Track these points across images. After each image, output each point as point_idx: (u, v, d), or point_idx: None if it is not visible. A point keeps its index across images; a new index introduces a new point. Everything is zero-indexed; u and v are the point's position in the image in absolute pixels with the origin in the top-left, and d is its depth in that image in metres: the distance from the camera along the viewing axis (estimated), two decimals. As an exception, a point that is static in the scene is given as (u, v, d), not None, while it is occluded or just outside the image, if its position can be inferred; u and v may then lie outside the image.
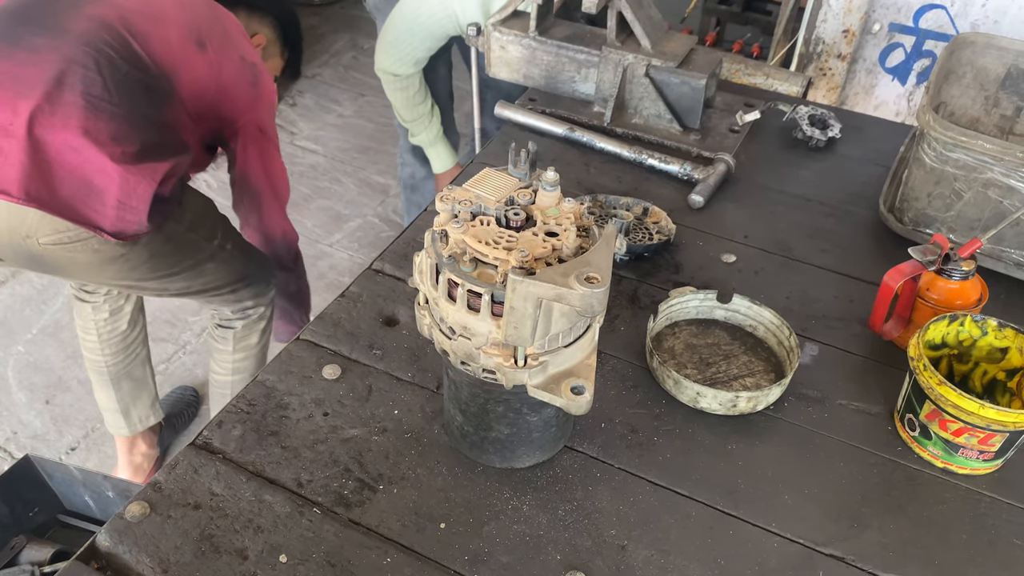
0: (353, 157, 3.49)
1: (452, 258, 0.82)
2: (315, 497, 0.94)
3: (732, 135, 1.51)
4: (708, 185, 1.38)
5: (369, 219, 3.16)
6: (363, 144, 3.56)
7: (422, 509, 0.94)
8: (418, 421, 1.03)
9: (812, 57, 1.96)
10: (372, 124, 3.68)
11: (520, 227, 0.85)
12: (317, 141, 3.56)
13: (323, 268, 2.92)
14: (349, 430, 1.01)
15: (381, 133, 3.59)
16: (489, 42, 1.59)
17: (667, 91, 1.49)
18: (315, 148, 3.52)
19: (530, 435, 0.95)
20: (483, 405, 0.92)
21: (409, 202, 2.72)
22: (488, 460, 0.98)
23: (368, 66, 4.07)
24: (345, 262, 2.96)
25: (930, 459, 1.00)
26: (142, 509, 0.91)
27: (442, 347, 0.88)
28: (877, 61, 1.95)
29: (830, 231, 1.35)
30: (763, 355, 1.13)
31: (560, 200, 0.87)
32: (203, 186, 3.21)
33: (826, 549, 0.92)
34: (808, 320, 1.18)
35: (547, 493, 0.96)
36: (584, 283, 0.74)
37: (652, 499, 0.96)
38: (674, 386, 1.05)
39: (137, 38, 1.41)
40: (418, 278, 0.88)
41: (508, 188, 0.88)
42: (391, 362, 1.10)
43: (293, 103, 3.78)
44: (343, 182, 3.34)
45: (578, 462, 0.99)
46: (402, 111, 2.30)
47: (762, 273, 1.27)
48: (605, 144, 1.47)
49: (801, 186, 1.44)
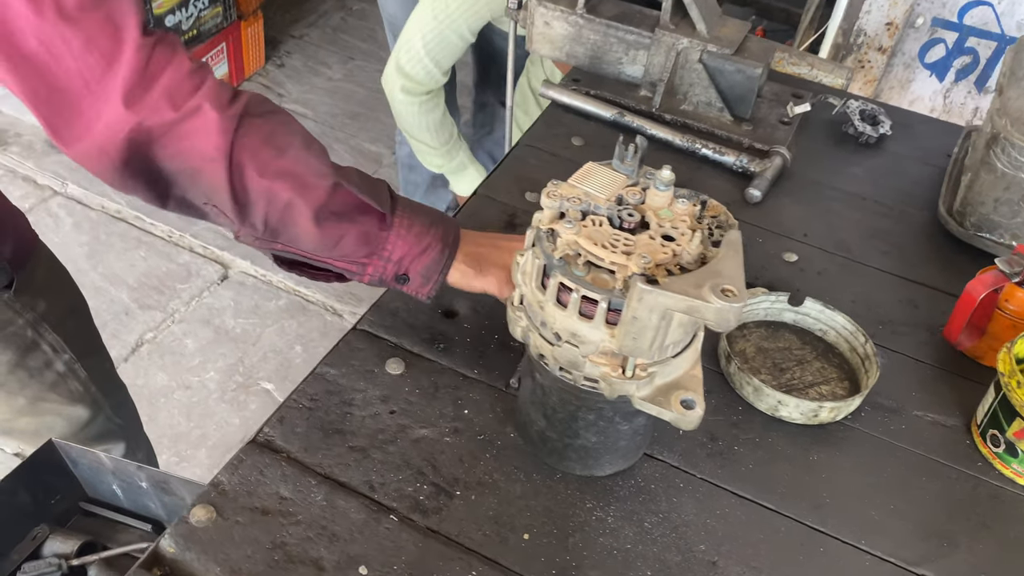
0: (344, 123, 3.38)
1: (564, 260, 0.77)
2: (390, 502, 0.89)
3: (783, 127, 1.47)
4: (765, 179, 1.34)
5: (362, 188, 3.07)
6: (353, 110, 3.46)
7: (502, 518, 0.89)
8: (490, 422, 0.98)
9: (851, 49, 1.93)
10: (362, 89, 3.57)
11: (633, 229, 0.80)
12: (306, 105, 3.44)
13: (316, 238, 2.83)
14: (419, 430, 0.96)
15: (372, 99, 3.49)
16: (533, 17, 1.52)
17: (720, 78, 1.44)
18: (305, 112, 3.40)
19: (617, 443, 0.91)
20: (573, 412, 0.87)
21: (407, 181, 2.63)
22: (568, 467, 0.93)
23: (358, 29, 3.94)
24: (339, 232, 2.87)
25: (1013, 476, 0.99)
26: (208, 513, 0.85)
27: (540, 352, 0.83)
28: (916, 56, 1.93)
29: (887, 232, 1.33)
30: (835, 361, 1.10)
31: (672, 200, 0.82)
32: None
33: (918, 569, 0.89)
34: (875, 325, 1.15)
35: (631, 504, 0.92)
36: (721, 296, 0.70)
37: (739, 512, 0.93)
38: (753, 393, 1.02)
39: None
40: (520, 279, 0.82)
41: (616, 185, 0.83)
42: (455, 357, 1.04)
43: (281, 64, 3.64)
44: (335, 149, 3.23)
45: (659, 471, 0.95)
46: (428, 137, 2.07)
47: (825, 274, 1.24)
48: (656, 131, 1.42)
49: (855, 183, 1.41)
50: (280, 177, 0.85)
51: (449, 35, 1.87)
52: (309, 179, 0.87)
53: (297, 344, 2.52)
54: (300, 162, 0.87)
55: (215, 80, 0.85)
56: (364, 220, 0.91)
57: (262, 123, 0.86)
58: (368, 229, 0.91)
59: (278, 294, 2.66)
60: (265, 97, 0.90)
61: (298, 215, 0.87)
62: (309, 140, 0.90)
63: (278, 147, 0.86)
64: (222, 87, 0.85)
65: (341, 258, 0.92)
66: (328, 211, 0.88)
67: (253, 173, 0.84)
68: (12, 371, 1.22)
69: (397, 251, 0.92)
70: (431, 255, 0.93)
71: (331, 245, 0.90)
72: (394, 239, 0.92)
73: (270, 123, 0.87)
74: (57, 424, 1.32)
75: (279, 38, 3.75)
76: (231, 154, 0.83)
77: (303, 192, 0.86)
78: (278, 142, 0.86)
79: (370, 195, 0.90)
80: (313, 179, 0.87)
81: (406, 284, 0.95)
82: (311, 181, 0.87)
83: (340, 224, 0.89)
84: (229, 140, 0.82)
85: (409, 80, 1.98)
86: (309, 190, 0.87)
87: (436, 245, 0.93)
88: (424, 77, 1.97)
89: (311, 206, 0.87)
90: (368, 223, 0.91)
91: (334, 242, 0.90)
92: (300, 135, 0.89)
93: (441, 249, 0.94)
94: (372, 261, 0.92)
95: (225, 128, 0.82)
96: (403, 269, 0.93)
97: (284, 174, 0.86)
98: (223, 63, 3.23)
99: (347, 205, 0.89)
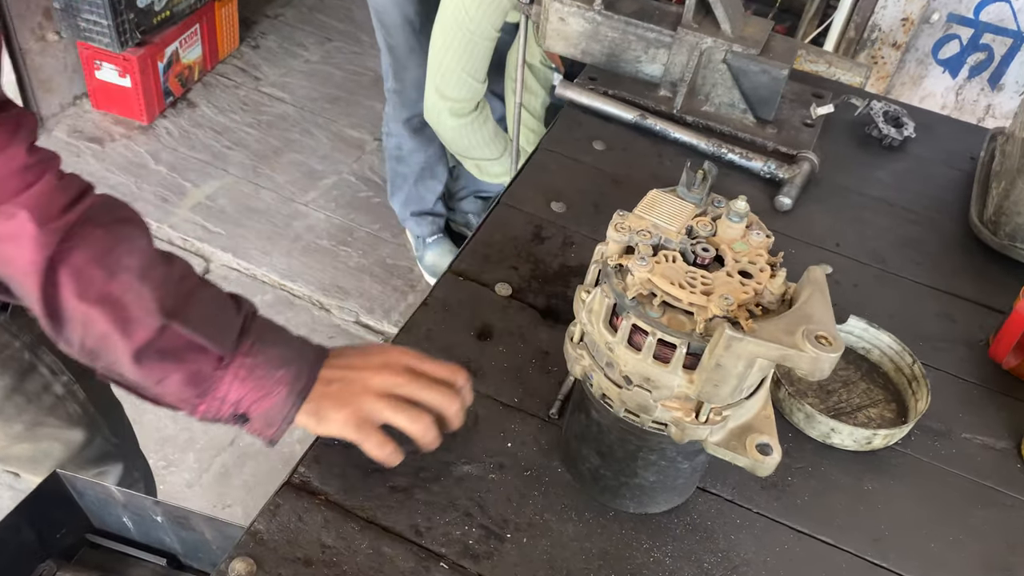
0: (324, 108, 3.28)
1: (637, 300, 0.72)
2: (438, 548, 0.84)
3: (807, 129, 1.43)
4: (795, 186, 1.30)
5: (345, 176, 2.98)
6: (332, 93, 3.35)
7: (557, 562, 0.85)
8: (535, 456, 0.93)
9: (865, 44, 1.89)
10: (341, 72, 3.46)
11: (708, 265, 0.75)
12: (284, 88, 3.33)
13: (299, 229, 2.75)
14: (462, 467, 0.91)
15: (350, 82, 3.39)
16: (547, 12, 1.46)
17: (744, 79, 1.40)
18: (282, 96, 3.29)
19: (675, 481, 0.87)
20: (633, 452, 0.83)
21: (395, 173, 2.55)
22: (622, 505, 0.89)
23: (334, 8, 3.82)
24: (322, 223, 2.79)
25: (1068, 503, 0.97)
26: (248, 567, 0.79)
27: (603, 393, 0.78)
28: (930, 52, 1.90)
29: (918, 240, 1.30)
30: (880, 382, 1.07)
31: (746, 232, 0.77)
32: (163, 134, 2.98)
33: (982, 605, 0.87)
34: (915, 342, 1.12)
35: (688, 542, 0.88)
36: (815, 344, 0.65)
37: (797, 548, 0.89)
38: (804, 420, 0.98)
39: None
40: (585, 318, 0.77)
41: (684, 216, 0.78)
42: (492, 384, 0.99)
43: (256, 45, 3.52)
44: (315, 135, 3.14)
45: (714, 506, 0.92)
46: (488, 151, 1.96)
47: (860, 287, 1.20)
48: (680, 134, 1.37)
49: (882, 189, 1.38)
50: (102, 303, 0.73)
51: (477, 40, 1.78)
52: (134, 313, 0.74)
53: (285, 341, 2.44)
54: (130, 291, 0.74)
55: (54, 180, 0.74)
56: (195, 360, 0.77)
57: (102, 235, 0.74)
58: (200, 369, 0.77)
59: (263, 288, 2.58)
60: (122, 203, 0.78)
61: (115, 348, 0.74)
62: (150, 265, 0.75)
63: (109, 268, 0.73)
64: (58, 190, 0.73)
65: (165, 396, 0.79)
66: (152, 349, 0.75)
67: (71, 294, 0.72)
68: (9, 396, 1.14)
69: (233, 394, 0.78)
70: (274, 401, 0.79)
71: (152, 383, 0.77)
72: (230, 381, 0.78)
73: (112, 237, 0.75)
74: (55, 449, 1.24)
75: (253, 18, 3.62)
76: (46, 271, 0.71)
77: (124, 327, 0.73)
78: (112, 262, 0.74)
79: (208, 334, 0.76)
80: (139, 314, 0.74)
81: (247, 424, 0.81)
82: (136, 316, 0.74)
83: (164, 364, 0.76)
84: (45, 256, 0.71)
85: (454, 102, 1.87)
86: (131, 325, 0.74)
87: (280, 391, 0.79)
88: (467, 93, 1.87)
89: (132, 344, 0.74)
90: (200, 363, 0.77)
91: (155, 381, 0.77)
92: (141, 257, 0.75)
93: (286, 396, 0.79)
94: (204, 401, 0.78)
95: (43, 243, 0.71)
96: (242, 410, 0.80)
97: (107, 301, 0.73)
98: (196, 45, 3.11)
99: (176, 344, 0.76)
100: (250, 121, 3.12)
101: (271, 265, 2.61)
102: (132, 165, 2.85)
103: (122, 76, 2.83)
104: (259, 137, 3.06)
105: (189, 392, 0.78)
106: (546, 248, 1.17)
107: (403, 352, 0.86)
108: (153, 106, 2.96)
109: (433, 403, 0.84)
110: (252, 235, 2.69)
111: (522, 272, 1.13)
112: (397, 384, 0.83)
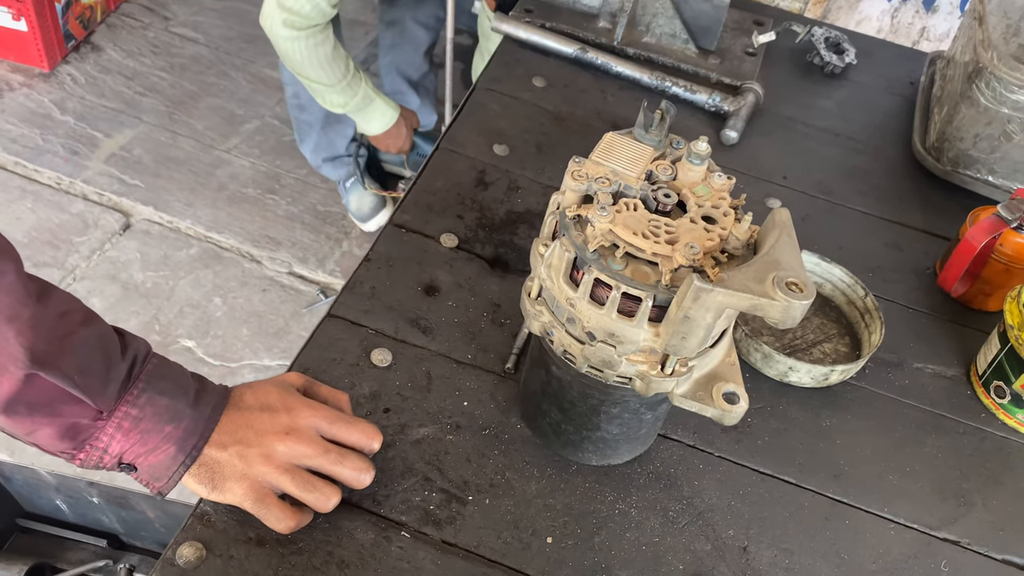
0: (240, 48, 3.11)
1: (599, 253, 0.68)
2: (398, 517, 0.80)
3: (749, 58, 1.40)
4: (740, 118, 1.27)
5: (267, 120, 2.85)
6: (249, 32, 3.17)
7: (522, 522, 0.82)
8: (492, 413, 0.90)
9: (801, -33, 1.86)
10: (256, 9, 3.25)
11: (670, 211, 0.71)
12: (196, 28, 3.14)
13: (223, 178, 2.62)
14: (418, 429, 0.87)
15: (269, 19, 3.21)
16: (477, -60, 1.38)
17: (684, 7, 1.35)
18: (195, 36, 3.10)
19: (638, 432, 0.85)
20: (596, 407, 0.80)
21: (299, 121, 2.41)
22: (584, 458, 0.87)
23: (245, -61, 3.60)
24: (247, 170, 2.66)
25: (1017, 426, 0.98)
26: (197, 552, 0.75)
27: (567, 351, 0.75)
28: (865, -26, 1.88)
29: (864, 170, 1.29)
30: (833, 316, 1.07)
31: (707, 175, 0.74)
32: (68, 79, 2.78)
33: (940, 533, 0.88)
34: (865, 273, 1.12)
35: (652, 492, 0.87)
36: (786, 291, 0.63)
37: (761, 490, 0.89)
38: (761, 360, 0.97)
39: None
40: (544, 272, 0.73)
41: (643, 160, 0.74)
42: (444, 341, 0.95)
43: (162, -19, 3.30)
44: (232, 76, 2.98)
45: (676, 453, 0.90)
46: (323, 74, 1.83)
47: (809, 220, 1.19)
48: (622, 68, 1.32)
49: (826, 118, 1.36)
50: None
51: None
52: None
53: (215, 296, 2.35)
54: None
55: None
56: (71, 412, 0.70)
57: None
58: (76, 421, 0.70)
59: (188, 242, 2.46)
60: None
61: None
62: (19, 303, 0.67)
63: None
64: None
65: (39, 446, 0.72)
66: (20, 401, 0.68)
67: None
68: None
69: (115, 447, 0.72)
70: (160, 458, 0.73)
71: (24, 434, 0.71)
72: (112, 432, 0.71)
73: None
74: None
75: (157, -49, 3.39)
76: None
77: None
78: None
79: (84, 384, 0.69)
80: (3, 361, 0.66)
81: (134, 473, 0.74)
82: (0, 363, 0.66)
83: (34, 417, 0.69)
84: None
85: (291, 14, 1.74)
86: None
87: (167, 448, 0.72)
88: (310, 10, 1.73)
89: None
90: (77, 414, 0.70)
91: (25, 433, 0.70)
92: (7, 295, 0.66)
93: (174, 454, 0.73)
94: (83, 451, 0.71)
95: None
96: (127, 460, 0.73)
97: None
98: (98, -18, 2.90)
99: (45, 397, 0.68)
100: (162, 64, 2.94)
101: (195, 217, 2.49)
102: (35, 116, 2.67)
103: (16, 19, 2.62)
104: (173, 81, 2.89)
105: (65, 445, 0.70)
106: (491, 194, 1.12)
107: (314, 411, 0.77)
108: (54, 51, 2.76)
109: (342, 478, 0.77)
110: (173, 186, 2.56)
111: (467, 221, 1.08)
112: (303, 456, 0.75)
